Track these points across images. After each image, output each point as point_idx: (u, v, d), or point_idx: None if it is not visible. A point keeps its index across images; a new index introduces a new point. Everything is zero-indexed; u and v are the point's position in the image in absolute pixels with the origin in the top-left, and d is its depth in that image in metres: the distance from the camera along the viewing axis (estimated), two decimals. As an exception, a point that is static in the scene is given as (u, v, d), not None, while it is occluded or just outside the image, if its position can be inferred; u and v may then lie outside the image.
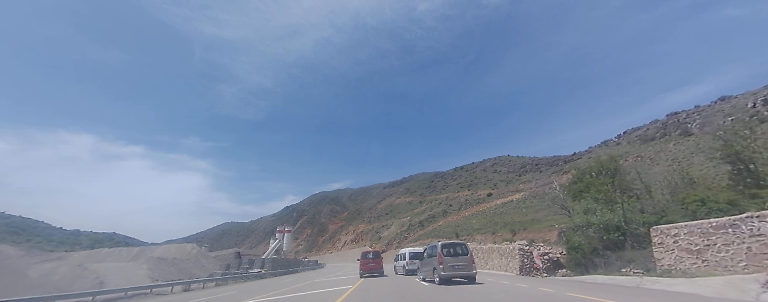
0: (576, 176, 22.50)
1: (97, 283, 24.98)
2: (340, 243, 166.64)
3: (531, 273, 17.69)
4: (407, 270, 21.27)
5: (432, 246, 14.70)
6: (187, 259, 41.94)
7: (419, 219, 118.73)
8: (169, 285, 20.95)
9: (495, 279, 14.66)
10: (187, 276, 35.66)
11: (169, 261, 37.06)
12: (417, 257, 20.80)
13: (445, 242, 13.94)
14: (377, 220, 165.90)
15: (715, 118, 60.24)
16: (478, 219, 67.56)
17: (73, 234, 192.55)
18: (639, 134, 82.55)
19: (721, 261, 9.22)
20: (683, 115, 75.41)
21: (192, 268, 39.90)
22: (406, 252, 22.89)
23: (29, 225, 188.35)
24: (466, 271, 12.69)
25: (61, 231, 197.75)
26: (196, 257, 44.59)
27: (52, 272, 26.48)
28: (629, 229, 15.61)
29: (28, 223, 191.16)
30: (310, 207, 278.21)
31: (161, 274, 31.34)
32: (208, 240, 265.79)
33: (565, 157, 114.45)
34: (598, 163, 21.89)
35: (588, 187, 20.11)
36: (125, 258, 42.74)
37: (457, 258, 12.91)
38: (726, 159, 17.47)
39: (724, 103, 74.79)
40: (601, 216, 16.12)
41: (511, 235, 37.62)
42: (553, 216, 35.42)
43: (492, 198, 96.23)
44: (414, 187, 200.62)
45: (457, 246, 13.65)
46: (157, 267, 33.25)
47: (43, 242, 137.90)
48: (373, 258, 21.81)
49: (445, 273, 12.49)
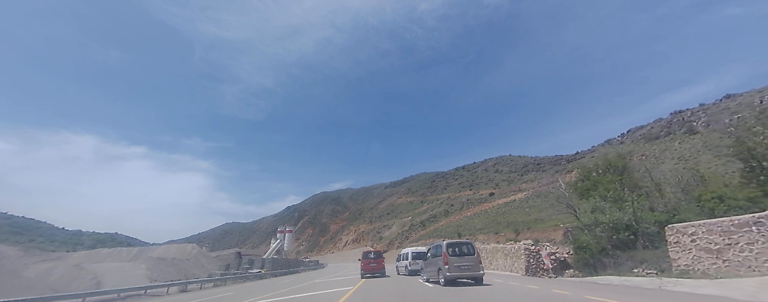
0: (582, 174, 21.95)
1: (94, 284, 24.58)
2: (342, 244, 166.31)
3: (537, 274, 17.15)
4: (410, 271, 20.64)
5: (436, 245, 14.10)
6: (186, 259, 41.55)
7: (420, 219, 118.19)
8: (165, 286, 20.46)
9: (502, 280, 14.11)
10: (186, 276, 35.25)
11: (168, 262, 36.67)
12: (420, 257, 20.27)
13: (450, 241, 13.34)
14: (378, 220, 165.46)
15: (722, 115, 59.46)
16: (481, 219, 66.95)
17: (75, 235, 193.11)
18: (643, 133, 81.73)
19: (743, 261, 8.67)
20: (688, 114, 74.60)
21: (192, 268, 39.51)
22: (408, 251, 22.26)
23: (31, 225, 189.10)
24: (473, 272, 12.05)
25: (63, 231, 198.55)
26: (196, 257, 44.19)
27: (49, 272, 26.12)
28: (640, 228, 15.07)
29: (30, 224, 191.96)
30: (312, 208, 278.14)
31: (160, 274, 30.93)
32: (210, 240, 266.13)
33: (568, 157, 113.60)
34: (606, 161, 21.33)
35: (595, 186, 19.56)
36: (125, 258, 42.39)
37: (463, 258, 12.31)
38: (738, 156, 16.85)
39: (729, 101, 73.89)
40: (611, 214, 15.57)
41: (514, 235, 37.07)
42: (557, 216, 34.83)
43: (494, 197, 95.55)
44: (415, 187, 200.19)
45: (463, 245, 12.98)
46: (157, 267, 32.85)
47: (45, 242, 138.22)
48: (375, 258, 21.22)
49: (451, 273, 11.90)
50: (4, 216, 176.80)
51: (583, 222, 17.24)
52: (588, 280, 12.72)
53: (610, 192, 17.59)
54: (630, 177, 19.04)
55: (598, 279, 12.22)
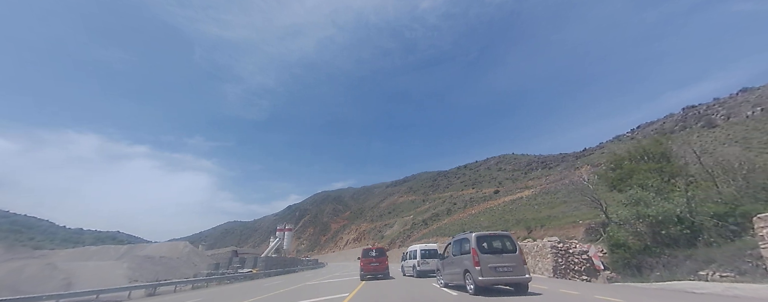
0: (613, 162, 19.34)
1: (65, 285, 22.28)
2: (343, 243, 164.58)
3: (567, 276, 14.61)
4: (418, 272, 17.66)
5: (461, 238, 10.43)
6: (177, 258, 39.25)
7: (423, 218, 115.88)
8: (127, 290, 17.75)
9: (546, 285, 10.87)
10: (176, 275, 32.96)
11: (155, 260, 34.35)
12: (430, 255, 17.69)
13: (481, 233, 9.58)
14: (380, 219, 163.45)
15: (741, 108, 56.61)
16: (487, 217, 64.34)
17: (76, 233, 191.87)
18: (655, 128, 78.83)
19: None
20: (703, 108, 71.81)
21: (182, 267, 37.19)
22: (416, 249, 19.16)
23: (33, 223, 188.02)
24: (516, 275, 8.74)
25: (64, 229, 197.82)
26: (188, 255, 41.90)
27: (19, 271, 23.83)
28: (696, 221, 12.50)
29: (31, 222, 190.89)
30: (313, 207, 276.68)
31: (144, 274, 28.67)
32: (212, 238, 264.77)
33: (576, 153, 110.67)
34: (640, 148, 18.74)
35: (630, 174, 16.97)
36: (113, 256, 40.19)
37: (500, 255, 8.89)
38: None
39: (746, 94, 71.18)
40: (657, 206, 13.00)
41: (526, 232, 34.49)
42: (574, 212, 32.24)
43: (499, 195, 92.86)
44: (417, 186, 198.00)
45: (499, 239, 9.50)
46: (141, 266, 30.57)
47: (44, 241, 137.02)
48: (377, 257, 18.35)
49: (485, 278, 8.48)
50: (5, 215, 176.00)
51: (618, 217, 14.65)
52: (655, 286, 9.85)
53: (652, 181, 15.01)
54: (671, 165, 16.41)
55: (670, 285, 9.47)
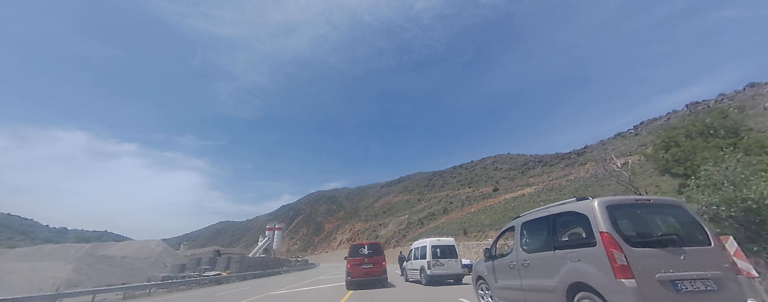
0: (665, 140, 15.68)
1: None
2: (336, 243, 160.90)
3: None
4: (429, 277, 12.80)
5: (543, 217, 5.08)
6: (145, 258, 34.86)
7: (418, 217, 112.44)
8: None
9: None
10: (139, 277, 28.73)
11: (115, 261, 30.02)
12: (448, 254, 13.34)
13: (609, 201, 4.14)
14: (374, 219, 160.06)
15: (755, 101, 54.20)
16: (488, 214, 60.92)
17: (59, 233, 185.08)
18: (660, 124, 76.52)
19: None
20: (711, 102, 69.86)
21: (149, 269, 32.84)
22: (426, 244, 13.84)
23: (15, 222, 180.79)
24: None
25: (47, 229, 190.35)
26: (159, 255, 37.50)
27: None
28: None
29: (13, 220, 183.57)
30: (307, 207, 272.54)
31: (93, 276, 24.44)
32: (203, 238, 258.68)
33: (577, 150, 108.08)
34: (699, 123, 15.14)
35: (692, 152, 13.36)
36: (71, 256, 35.58)
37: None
38: None
39: (753, 90, 69.45)
40: (762, 187, 9.37)
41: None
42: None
43: (499, 193, 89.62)
44: (412, 186, 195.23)
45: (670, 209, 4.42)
46: (93, 267, 26.29)
47: (25, 240, 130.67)
48: (370, 256, 13.44)
49: None
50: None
51: (699, 203, 11.01)
52: None
53: (731, 158, 11.44)
54: (749, 139, 12.83)
55: None
